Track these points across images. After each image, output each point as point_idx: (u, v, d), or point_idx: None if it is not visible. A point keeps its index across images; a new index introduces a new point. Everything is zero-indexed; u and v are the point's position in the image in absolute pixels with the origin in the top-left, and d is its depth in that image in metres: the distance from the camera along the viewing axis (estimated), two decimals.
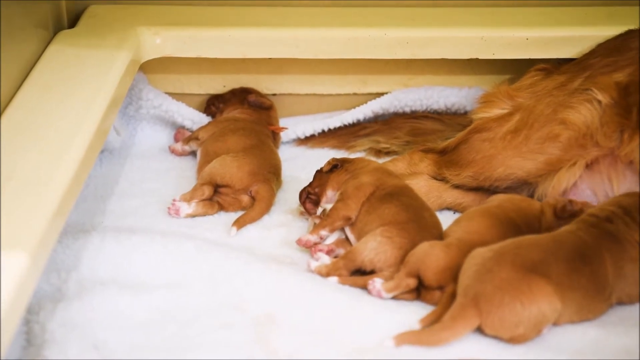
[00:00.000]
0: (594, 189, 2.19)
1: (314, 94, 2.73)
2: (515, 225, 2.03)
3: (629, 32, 2.34)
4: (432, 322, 1.85)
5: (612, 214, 1.97)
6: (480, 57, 2.53)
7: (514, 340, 1.81)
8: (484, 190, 2.30)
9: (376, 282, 1.95)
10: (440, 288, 1.93)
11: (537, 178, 2.22)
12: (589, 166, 2.19)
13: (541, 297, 1.80)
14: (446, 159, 2.34)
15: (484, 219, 2.03)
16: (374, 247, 2.00)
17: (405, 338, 1.79)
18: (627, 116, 2.15)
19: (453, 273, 1.91)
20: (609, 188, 2.18)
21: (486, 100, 2.36)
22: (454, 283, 1.90)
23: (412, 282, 1.94)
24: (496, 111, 2.33)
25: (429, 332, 1.80)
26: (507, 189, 2.25)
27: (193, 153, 2.53)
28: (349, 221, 2.09)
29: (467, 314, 1.80)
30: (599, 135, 2.17)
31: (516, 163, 2.23)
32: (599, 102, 2.19)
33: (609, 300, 1.91)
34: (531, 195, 2.23)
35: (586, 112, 2.19)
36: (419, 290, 1.96)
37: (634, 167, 2.15)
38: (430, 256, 1.94)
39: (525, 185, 2.24)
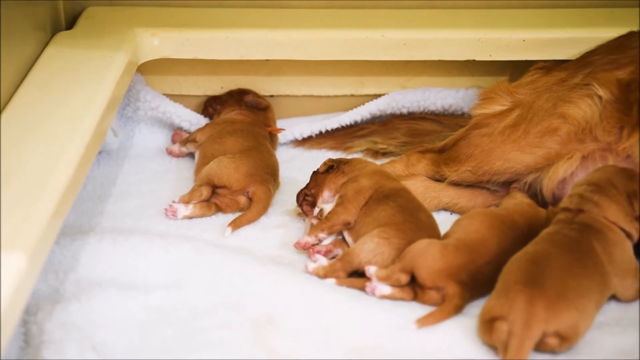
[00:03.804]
0: None
1: (312, 96, 2.73)
2: (519, 229, 2.02)
3: (631, 33, 2.35)
4: (428, 323, 1.86)
5: (581, 200, 1.97)
6: (477, 59, 2.53)
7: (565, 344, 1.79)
8: (482, 187, 2.30)
9: (370, 268, 1.95)
10: (436, 288, 1.92)
11: (535, 171, 2.22)
12: (584, 157, 2.19)
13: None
14: (445, 156, 2.34)
15: (485, 219, 2.02)
16: (372, 248, 2.00)
17: None
18: (627, 112, 2.16)
19: (448, 274, 1.91)
20: None
21: (486, 97, 2.36)
22: (451, 284, 1.90)
23: (403, 278, 1.93)
24: (496, 107, 2.33)
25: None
26: (505, 183, 2.26)
27: (191, 154, 2.53)
28: (348, 226, 2.09)
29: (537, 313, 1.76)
30: (598, 131, 2.17)
31: (515, 157, 2.24)
32: (600, 97, 2.19)
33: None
34: (528, 187, 2.23)
35: (586, 107, 2.19)
36: (416, 291, 1.96)
37: (629, 160, 2.15)
38: (427, 255, 1.93)
39: (522, 177, 2.25)
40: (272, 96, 2.71)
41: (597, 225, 1.93)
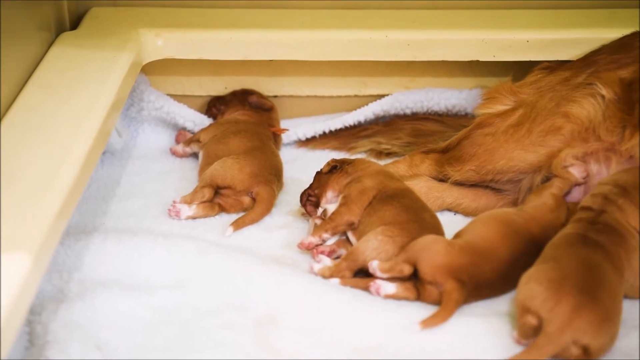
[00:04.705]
0: (592, 177, 2.19)
1: (315, 96, 2.74)
2: (533, 239, 2.00)
3: (634, 33, 2.35)
4: (432, 324, 1.86)
5: (605, 202, 1.97)
6: (480, 59, 2.54)
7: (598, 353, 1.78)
8: (486, 186, 2.30)
9: (373, 262, 1.96)
10: (434, 284, 1.92)
11: (538, 170, 2.22)
12: (588, 156, 2.19)
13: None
14: (448, 156, 2.34)
15: (499, 227, 2.01)
16: (376, 246, 2.00)
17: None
18: (629, 112, 2.16)
19: (449, 271, 1.91)
20: (606, 175, 2.18)
21: (489, 97, 2.36)
22: (449, 280, 1.90)
23: (406, 269, 1.93)
24: (499, 107, 2.33)
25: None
26: (509, 182, 2.26)
27: (194, 154, 2.54)
28: (351, 226, 2.10)
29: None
30: (601, 130, 2.17)
31: (518, 155, 2.24)
32: (603, 97, 2.19)
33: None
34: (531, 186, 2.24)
35: (589, 106, 2.19)
36: (417, 288, 1.96)
37: (632, 161, 2.15)
38: (431, 249, 1.94)
39: (525, 175, 2.25)
40: (275, 97, 2.72)
41: (621, 230, 1.93)
